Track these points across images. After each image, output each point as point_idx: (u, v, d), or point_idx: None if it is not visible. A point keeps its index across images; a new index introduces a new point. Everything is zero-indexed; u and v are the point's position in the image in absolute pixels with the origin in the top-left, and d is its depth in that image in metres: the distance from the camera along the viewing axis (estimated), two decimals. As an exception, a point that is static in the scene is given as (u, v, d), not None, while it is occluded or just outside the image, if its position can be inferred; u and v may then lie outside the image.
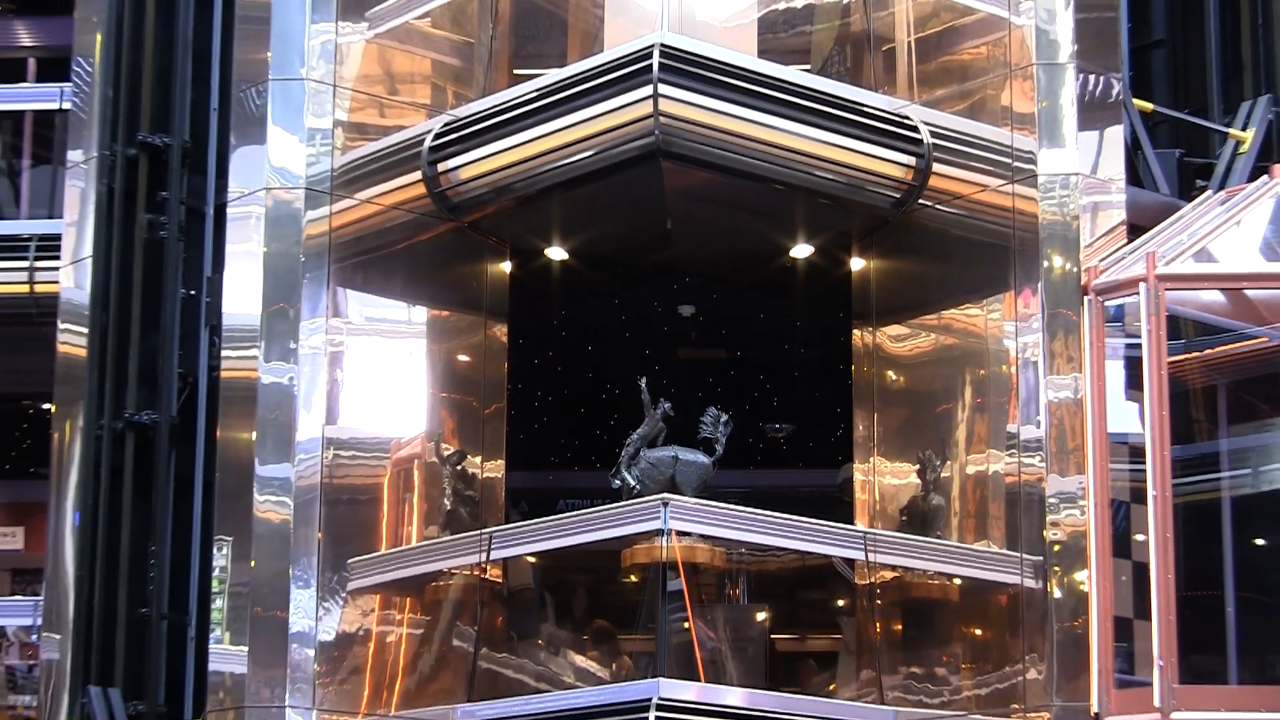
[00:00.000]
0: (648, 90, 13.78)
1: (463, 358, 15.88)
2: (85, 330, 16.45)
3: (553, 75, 14.70)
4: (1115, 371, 14.15)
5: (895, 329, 15.63)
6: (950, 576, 14.75)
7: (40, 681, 16.47)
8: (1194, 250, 14.24)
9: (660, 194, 14.55)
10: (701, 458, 14.21)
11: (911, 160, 14.68)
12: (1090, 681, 13.66)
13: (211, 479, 15.38)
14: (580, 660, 14.89)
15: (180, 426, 16.37)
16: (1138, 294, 13.92)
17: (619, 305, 17.20)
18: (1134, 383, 14.00)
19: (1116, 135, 14.70)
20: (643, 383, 14.36)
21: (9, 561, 23.02)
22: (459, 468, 15.27)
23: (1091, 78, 14.57)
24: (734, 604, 14.82)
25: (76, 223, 16.68)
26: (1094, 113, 14.55)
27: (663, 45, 13.85)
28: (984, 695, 14.27)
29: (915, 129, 14.72)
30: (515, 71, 15.74)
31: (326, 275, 14.92)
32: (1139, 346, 13.89)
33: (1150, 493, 13.64)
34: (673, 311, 17.18)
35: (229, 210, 15.23)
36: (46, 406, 17.19)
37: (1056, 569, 13.89)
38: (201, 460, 16.21)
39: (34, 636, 17.75)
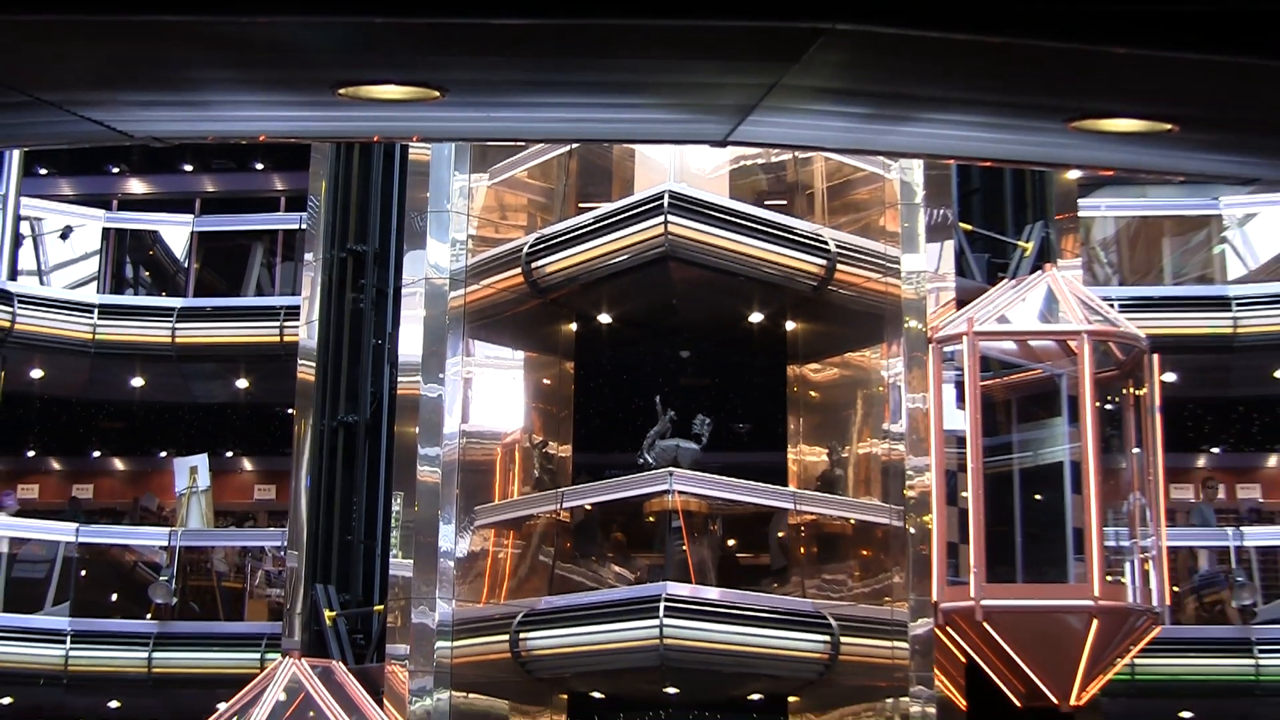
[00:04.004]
0: (660, 219, 13.69)
1: (546, 381, 15.77)
2: (314, 365, 16.18)
3: (604, 208, 14.48)
4: (949, 391, 14.09)
5: (814, 365, 15.56)
6: (847, 519, 14.67)
7: (285, 580, 16.45)
8: (997, 316, 14.21)
9: (669, 283, 14.43)
10: (694, 445, 14.17)
11: (824, 262, 14.29)
12: (932, 582, 13.66)
13: (391, 457, 15.34)
14: (617, 569, 14.88)
15: (371, 425, 16.18)
16: (962, 343, 13.95)
17: (643, 350, 16.80)
18: (960, 397, 13.99)
19: (950, 246, 14.61)
20: (657, 399, 14.38)
21: (266, 506, 22.86)
22: (543, 450, 15.14)
23: (935, 211, 14.50)
24: (713, 535, 14.66)
25: (309, 298, 16.50)
26: (936, 232, 14.46)
27: (670, 191, 13.75)
28: (867, 592, 14.22)
29: (826, 243, 14.37)
30: (580, 204, 15.57)
31: (462, 331, 14.75)
32: (963, 375, 13.91)
33: (969, 466, 13.67)
34: (676, 355, 16.81)
35: (403, 291, 15.12)
36: (290, 411, 17.20)
37: (912, 514, 13.86)
38: (385, 445, 16.01)
39: (282, 553, 17.83)
